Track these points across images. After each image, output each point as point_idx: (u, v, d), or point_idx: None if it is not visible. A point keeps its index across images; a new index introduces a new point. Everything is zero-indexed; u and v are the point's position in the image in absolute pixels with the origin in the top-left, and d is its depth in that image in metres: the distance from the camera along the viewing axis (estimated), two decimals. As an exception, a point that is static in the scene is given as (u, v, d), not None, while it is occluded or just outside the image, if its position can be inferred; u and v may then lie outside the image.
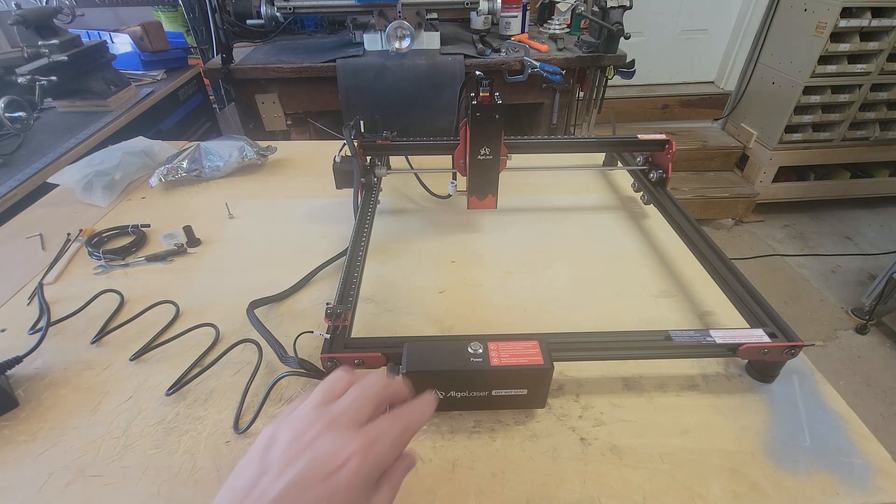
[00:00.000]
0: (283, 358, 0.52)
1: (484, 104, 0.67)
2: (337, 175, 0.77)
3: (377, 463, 0.30)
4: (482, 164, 0.73)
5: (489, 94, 0.68)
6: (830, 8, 1.96)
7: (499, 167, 0.74)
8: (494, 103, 0.67)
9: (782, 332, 0.51)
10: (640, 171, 0.87)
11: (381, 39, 1.51)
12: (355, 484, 0.28)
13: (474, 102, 0.67)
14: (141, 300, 0.65)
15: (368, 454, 0.29)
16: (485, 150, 0.71)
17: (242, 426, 0.49)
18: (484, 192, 0.77)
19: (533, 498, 0.43)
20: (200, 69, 1.78)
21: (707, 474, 0.45)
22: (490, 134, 0.70)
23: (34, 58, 1.17)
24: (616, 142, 0.87)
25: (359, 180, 0.73)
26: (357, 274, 0.61)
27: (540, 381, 0.47)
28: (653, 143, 0.82)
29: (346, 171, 0.75)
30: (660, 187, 0.82)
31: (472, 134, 0.70)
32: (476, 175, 0.75)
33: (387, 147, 0.79)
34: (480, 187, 0.76)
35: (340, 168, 0.76)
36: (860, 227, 2.48)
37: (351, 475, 0.28)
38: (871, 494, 0.43)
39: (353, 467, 0.28)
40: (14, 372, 0.55)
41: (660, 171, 0.81)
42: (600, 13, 1.51)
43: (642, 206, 0.86)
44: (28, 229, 0.83)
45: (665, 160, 0.80)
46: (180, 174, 0.93)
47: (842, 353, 1.81)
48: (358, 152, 0.74)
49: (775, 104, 2.29)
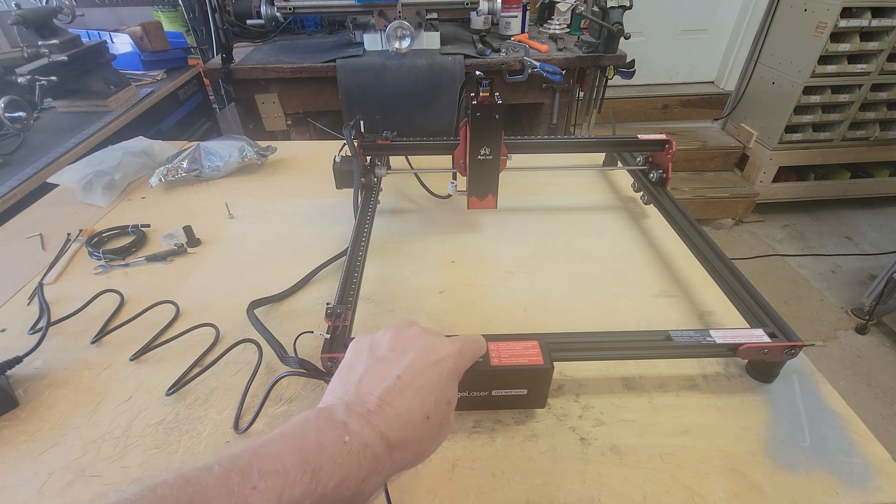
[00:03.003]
0: (283, 358, 0.52)
1: (484, 104, 0.67)
2: (337, 175, 0.77)
3: (465, 363, 0.38)
4: (482, 164, 0.73)
5: (489, 95, 0.68)
6: (830, 8, 1.96)
7: (499, 167, 0.74)
8: (494, 103, 0.67)
9: (782, 332, 0.51)
10: (640, 171, 0.87)
11: (381, 39, 1.51)
12: (452, 374, 0.36)
13: (474, 102, 0.67)
14: (141, 300, 0.65)
15: (461, 355, 0.38)
16: (485, 149, 0.71)
17: (242, 426, 0.49)
18: (484, 192, 0.77)
19: (533, 498, 0.43)
20: (200, 69, 1.78)
21: (707, 474, 0.45)
22: (490, 134, 0.70)
23: (34, 58, 1.17)
24: (616, 142, 0.87)
25: (359, 180, 0.73)
26: (357, 274, 0.61)
27: (540, 381, 0.47)
28: (653, 143, 0.82)
29: (347, 170, 0.75)
30: (660, 187, 0.82)
31: (472, 134, 0.70)
32: (476, 175, 0.75)
33: (387, 147, 0.79)
34: (480, 187, 0.76)
35: (340, 168, 0.76)
36: (860, 227, 2.48)
37: (451, 365, 0.36)
38: (871, 494, 0.43)
39: (451, 360, 0.36)
40: (14, 372, 0.55)
41: (660, 171, 0.81)
42: (600, 13, 1.51)
43: (642, 205, 0.86)
44: (28, 229, 0.83)
45: (665, 160, 0.80)
46: (180, 174, 0.93)
47: (842, 353, 1.81)
48: (358, 152, 0.74)
49: (775, 104, 2.29)
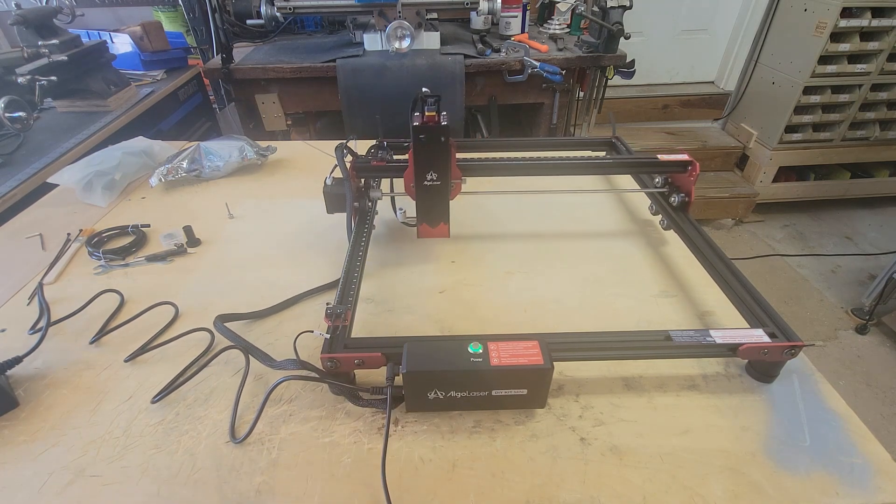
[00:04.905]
0: (272, 364, 0.52)
1: (428, 125, 0.60)
2: (328, 199, 0.70)
3: None
4: (429, 191, 0.66)
5: (435, 114, 0.61)
6: (830, 8, 1.96)
7: (449, 194, 0.68)
8: (439, 125, 0.61)
9: (782, 332, 0.51)
10: (658, 195, 0.79)
11: (381, 39, 1.51)
12: None
13: (416, 124, 0.61)
14: (141, 300, 0.65)
15: None
16: (431, 175, 0.65)
17: (238, 434, 0.48)
18: (434, 220, 0.70)
19: (533, 498, 0.43)
20: (200, 69, 1.78)
21: (707, 474, 0.45)
22: (437, 158, 0.63)
23: (34, 58, 1.17)
24: (632, 163, 0.78)
25: (352, 205, 0.67)
26: (357, 274, 0.61)
27: (540, 381, 0.47)
28: (674, 164, 0.73)
29: (338, 194, 0.69)
30: (682, 212, 0.73)
31: (415, 158, 0.63)
32: (424, 202, 0.68)
33: (382, 169, 0.72)
34: (430, 215, 0.70)
35: (332, 191, 0.69)
36: (860, 227, 2.48)
37: None
38: (871, 494, 0.43)
39: None
40: (14, 372, 0.55)
41: (682, 194, 0.73)
42: (600, 13, 1.51)
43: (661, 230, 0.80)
44: (28, 229, 0.83)
45: (687, 182, 0.71)
46: (180, 174, 0.93)
47: (842, 353, 1.81)
48: (350, 174, 0.68)
49: (775, 104, 2.29)
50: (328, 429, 0.49)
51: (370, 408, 0.51)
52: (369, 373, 0.53)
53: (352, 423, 0.50)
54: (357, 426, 0.50)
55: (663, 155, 0.73)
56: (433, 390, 0.47)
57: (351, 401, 0.51)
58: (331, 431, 0.49)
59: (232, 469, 0.46)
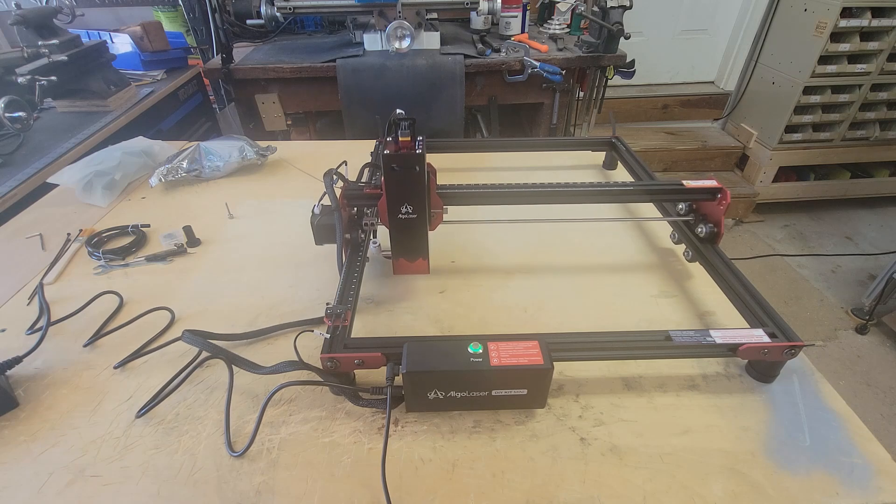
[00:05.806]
0: (260, 371, 0.51)
1: (400, 153, 0.53)
2: (316, 231, 0.61)
3: None
4: (404, 224, 0.59)
5: (410, 139, 0.53)
6: (830, 8, 1.96)
7: (427, 227, 0.60)
8: (414, 153, 0.53)
9: (782, 332, 0.51)
10: (682, 223, 0.71)
11: (381, 39, 1.51)
12: None
13: (386, 152, 0.53)
14: (141, 301, 0.65)
15: None
16: (406, 207, 0.57)
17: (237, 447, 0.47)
18: (412, 254, 0.63)
19: (533, 498, 0.43)
20: (200, 69, 1.78)
21: (707, 474, 0.45)
22: (412, 189, 0.55)
23: (34, 58, 1.17)
24: (655, 190, 0.69)
25: (342, 236, 0.58)
26: (357, 274, 0.61)
27: (540, 381, 0.47)
28: (701, 191, 0.64)
29: (327, 225, 0.60)
30: (709, 244, 0.66)
31: (387, 190, 0.56)
32: (399, 236, 0.61)
33: (377, 197, 0.61)
34: (406, 249, 0.62)
35: (321, 223, 0.60)
36: (860, 227, 2.48)
37: None
38: (871, 494, 0.43)
39: None
40: (14, 372, 0.55)
41: (710, 224, 0.65)
42: (600, 13, 1.51)
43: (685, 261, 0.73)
44: (28, 229, 0.82)
45: (717, 212, 0.64)
46: (180, 174, 0.93)
47: (842, 353, 1.81)
48: (341, 203, 0.60)
49: (775, 104, 2.29)
50: (328, 429, 0.49)
51: (370, 408, 0.51)
52: (369, 373, 0.53)
53: (352, 424, 0.50)
54: (357, 426, 0.50)
55: (689, 182, 0.66)
56: (433, 390, 0.47)
57: (351, 401, 0.51)
58: (331, 432, 0.49)
59: (232, 469, 0.46)
